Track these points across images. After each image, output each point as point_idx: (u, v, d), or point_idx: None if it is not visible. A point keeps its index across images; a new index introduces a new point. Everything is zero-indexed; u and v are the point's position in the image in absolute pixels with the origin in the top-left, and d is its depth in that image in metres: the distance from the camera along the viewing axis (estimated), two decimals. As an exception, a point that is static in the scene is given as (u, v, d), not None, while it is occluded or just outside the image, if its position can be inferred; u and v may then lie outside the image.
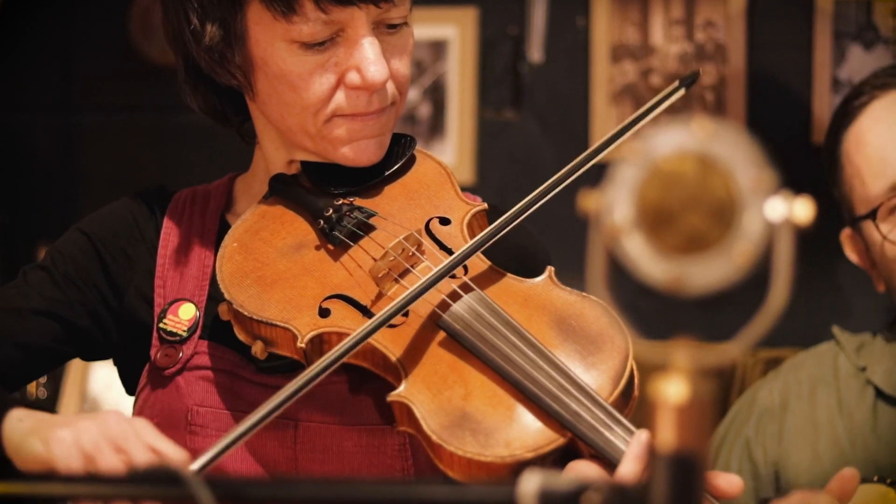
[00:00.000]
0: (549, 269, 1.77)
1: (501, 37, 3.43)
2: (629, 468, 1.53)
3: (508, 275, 1.77)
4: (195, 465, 1.47)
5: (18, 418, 1.58)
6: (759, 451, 2.49)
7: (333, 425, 1.73)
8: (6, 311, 1.84)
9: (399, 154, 1.89)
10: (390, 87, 1.81)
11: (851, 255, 2.51)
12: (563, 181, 1.76)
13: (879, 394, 2.43)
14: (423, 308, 1.69)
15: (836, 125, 2.49)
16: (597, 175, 1.17)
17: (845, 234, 2.50)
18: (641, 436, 1.55)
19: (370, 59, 1.76)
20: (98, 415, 1.54)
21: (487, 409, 1.61)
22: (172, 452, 1.48)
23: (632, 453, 1.54)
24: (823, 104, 3.22)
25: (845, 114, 2.47)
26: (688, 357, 0.98)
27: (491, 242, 1.72)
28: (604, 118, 3.33)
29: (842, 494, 1.91)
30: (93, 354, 1.92)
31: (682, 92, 1.85)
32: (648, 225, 0.98)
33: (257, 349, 1.72)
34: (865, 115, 2.43)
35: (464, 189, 1.91)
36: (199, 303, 1.83)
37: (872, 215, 2.38)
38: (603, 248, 0.99)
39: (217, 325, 1.80)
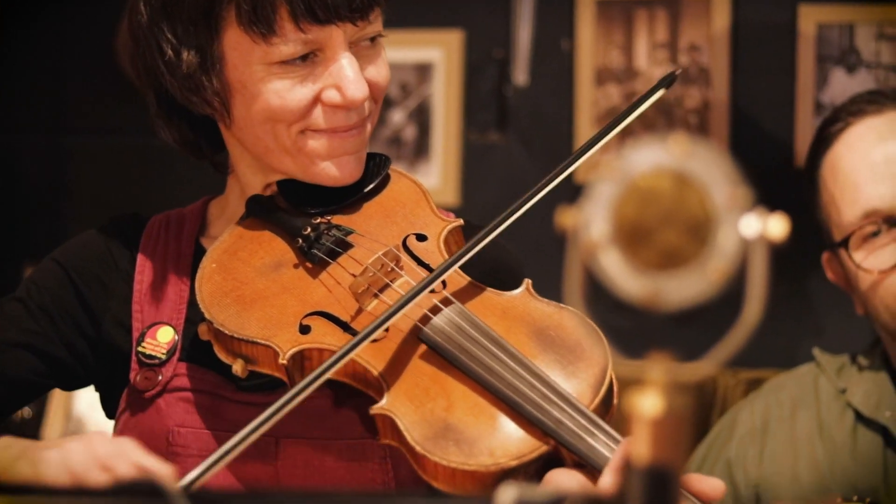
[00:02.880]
0: (527, 282, 1.79)
1: (487, 60, 3.44)
2: (608, 479, 1.54)
3: (487, 288, 1.78)
4: (183, 482, 1.49)
5: (6, 446, 1.60)
6: (739, 473, 2.49)
7: (315, 440, 1.74)
8: None
9: (374, 173, 1.90)
10: (367, 101, 1.83)
11: (832, 277, 2.51)
12: (539, 192, 1.77)
13: (859, 416, 2.44)
14: (403, 322, 1.70)
15: (814, 150, 2.48)
16: (574, 192, 1.19)
17: (826, 258, 2.50)
18: (625, 447, 1.56)
19: (349, 77, 1.78)
20: (84, 436, 1.55)
21: (470, 419, 1.63)
22: (159, 469, 1.48)
23: (613, 465, 1.55)
24: (806, 128, 3.23)
25: (822, 139, 2.46)
26: (663, 372, 0.99)
27: (470, 256, 1.73)
28: (588, 141, 3.34)
29: None
30: (72, 384, 1.93)
31: (662, 91, 1.87)
32: (625, 241, 0.99)
33: (238, 368, 1.73)
34: (840, 141, 2.41)
35: (447, 209, 1.93)
36: (177, 326, 1.84)
37: (845, 244, 2.38)
38: (580, 264, 1.00)
39: (196, 347, 1.81)
